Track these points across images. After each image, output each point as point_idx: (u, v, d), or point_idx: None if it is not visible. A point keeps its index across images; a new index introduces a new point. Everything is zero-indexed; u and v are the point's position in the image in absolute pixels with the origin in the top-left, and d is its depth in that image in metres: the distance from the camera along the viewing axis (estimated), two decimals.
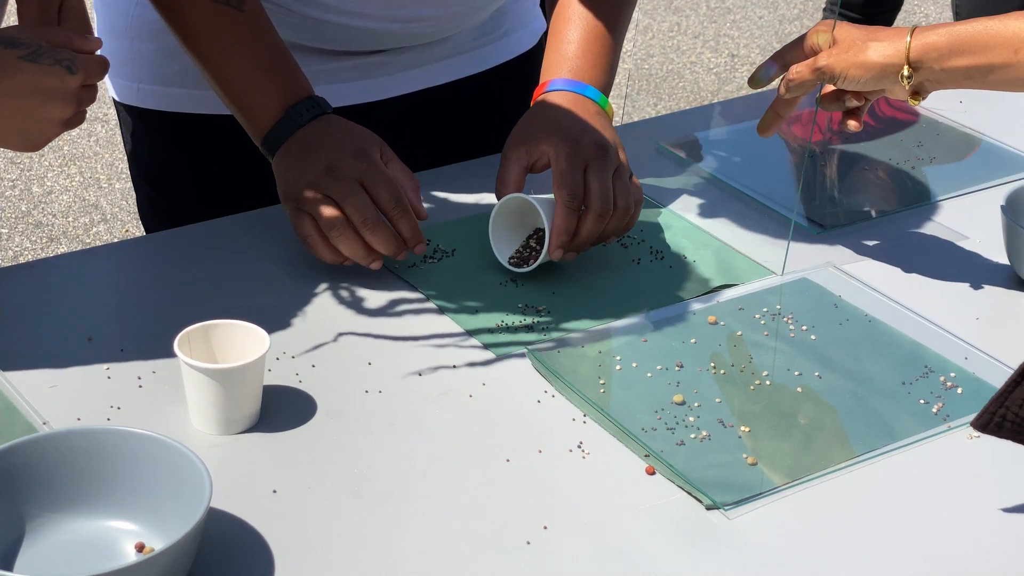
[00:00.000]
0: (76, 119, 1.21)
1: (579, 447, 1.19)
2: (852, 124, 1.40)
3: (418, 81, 1.66)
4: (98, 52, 1.23)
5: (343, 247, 1.35)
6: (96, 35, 1.28)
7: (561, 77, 1.52)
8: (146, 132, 1.65)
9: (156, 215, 1.69)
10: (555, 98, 1.50)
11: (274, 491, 1.12)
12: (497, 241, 1.44)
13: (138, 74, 1.62)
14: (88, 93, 1.21)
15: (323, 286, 1.40)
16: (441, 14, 1.59)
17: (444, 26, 1.61)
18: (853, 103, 1.39)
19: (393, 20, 1.56)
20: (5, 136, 1.20)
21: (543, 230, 1.42)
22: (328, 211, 1.34)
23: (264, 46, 1.43)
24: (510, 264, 1.42)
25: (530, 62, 1.76)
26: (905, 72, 1.30)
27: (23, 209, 3.61)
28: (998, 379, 1.29)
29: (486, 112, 1.70)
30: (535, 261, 1.41)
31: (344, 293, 1.39)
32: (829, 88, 1.41)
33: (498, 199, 1.44)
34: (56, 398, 1.21)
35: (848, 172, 1.70)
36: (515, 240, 1.45)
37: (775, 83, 1.45)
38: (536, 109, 1.51)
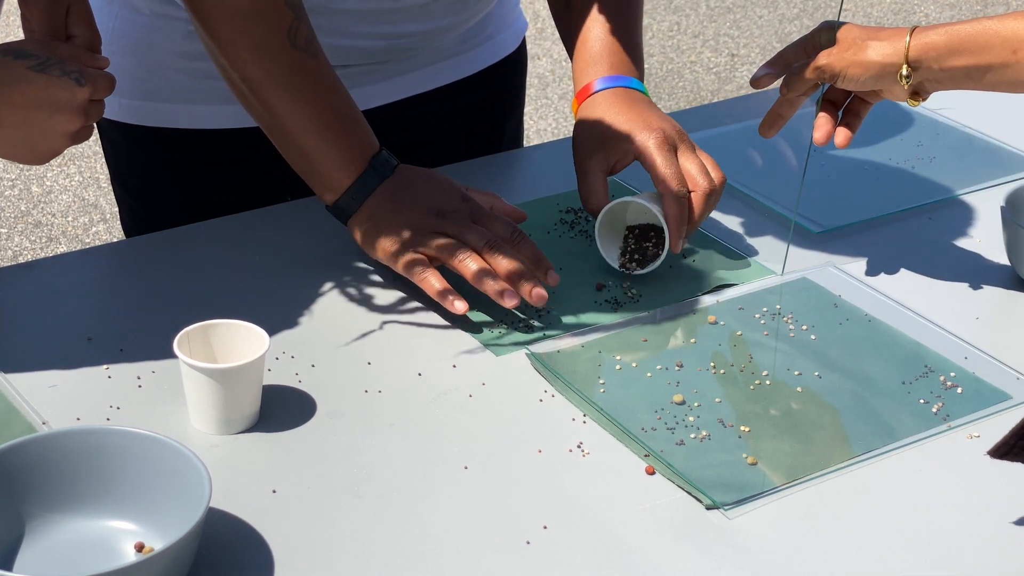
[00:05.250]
0: (84, 133, 1.21)
1: (579, 447, 1.19)
2: (841, 138, 1.39)
3: (405, 88, 1.65)
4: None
5: (468, 268, 1.32)
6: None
7: (602, 76, 1.50)
8: (128, 146, 1.64)
9: (139, 228, 1.67)
10: (607, 96, 1.48)
11: (274, 491, 1.12)
12: (605, 248, 1.43)
13: (119, 89, 1.60)
14: (96, 108, 1.21)
15: (323, 286, 1.40)
16: (427, 29, 1.58)
17: (430, 41, 1.61)
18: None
19: (380, 37, 1.56)
20: (13, 147, 1.20)
21: (638, 227, 1.43)
22: (449, 240, 1.34)
23: (340, 96, 1.40)
24: (624, 268, 1.42)
25: (514, 64, 1.75)
26: (904, 71, 1.31)
27: (22, 209, 3.61)
28: (998, 379, 1.29)
29: (474, 116, 1.69)
30: (654, 261, 1.41)
31: (344, 293, 1.39)
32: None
33: (592, 212, 1.43)
34: (56, 398, 1.21)
35: (848, 172, 1.70)
36: (616, 243, 1.44)
37: (776, 83, 1.45)
38: (592, 112, 1.48)
